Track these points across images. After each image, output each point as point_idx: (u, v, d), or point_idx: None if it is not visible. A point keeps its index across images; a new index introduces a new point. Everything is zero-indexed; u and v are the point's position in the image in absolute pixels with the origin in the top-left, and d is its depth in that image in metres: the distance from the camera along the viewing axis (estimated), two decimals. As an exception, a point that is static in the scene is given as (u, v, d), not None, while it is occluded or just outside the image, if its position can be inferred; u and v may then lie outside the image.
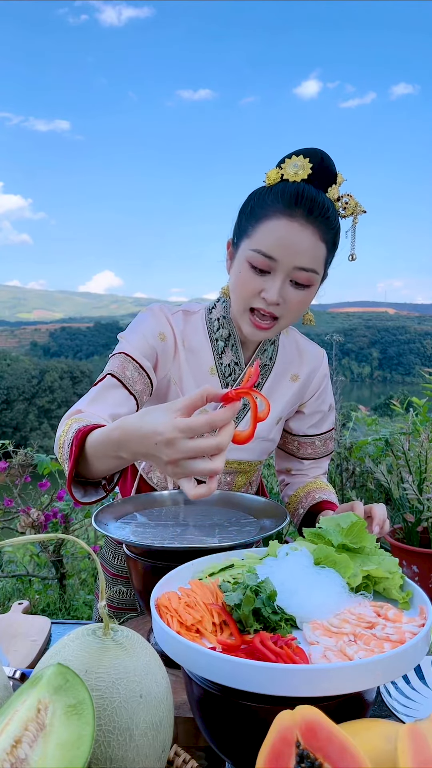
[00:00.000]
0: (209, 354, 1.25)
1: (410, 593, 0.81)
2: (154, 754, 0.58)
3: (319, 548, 0.85)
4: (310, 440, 1.39)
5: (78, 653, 0.58)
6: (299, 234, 1.06)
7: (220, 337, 1.25)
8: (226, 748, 0.68)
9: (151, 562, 0.98)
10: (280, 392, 1.31)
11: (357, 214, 1.14)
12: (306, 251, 1.07)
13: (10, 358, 56.98)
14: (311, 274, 1.10)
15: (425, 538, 1.40)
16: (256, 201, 1.12)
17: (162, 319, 1.24)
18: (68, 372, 55.98)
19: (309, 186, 1.08)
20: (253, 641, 0.67)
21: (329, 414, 1.40)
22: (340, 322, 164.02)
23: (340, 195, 1.13)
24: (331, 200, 1.10)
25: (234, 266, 1.15)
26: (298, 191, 1.07)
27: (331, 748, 0.50)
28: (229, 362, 1.25)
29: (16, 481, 2.60)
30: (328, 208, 1.09)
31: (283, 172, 1.10)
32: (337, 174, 1.12)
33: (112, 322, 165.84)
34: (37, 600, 2.80)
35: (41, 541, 2.37)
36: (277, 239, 1.07)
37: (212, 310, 1.27)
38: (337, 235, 1.13)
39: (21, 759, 0.49)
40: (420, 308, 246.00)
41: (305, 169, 1.08)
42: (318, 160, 1.09)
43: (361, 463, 2.67)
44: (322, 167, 1.10)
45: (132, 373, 1.17)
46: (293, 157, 1.10)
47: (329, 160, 1.11)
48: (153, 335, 1.21)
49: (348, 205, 1.13)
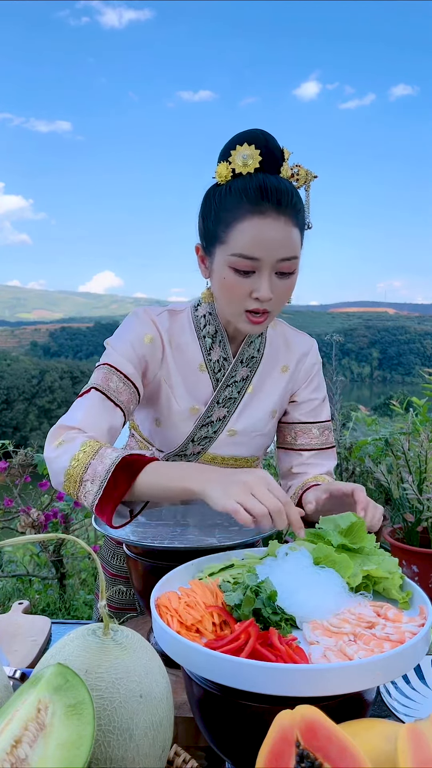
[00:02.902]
0: (197, 351, 1.26)
1: (410, 593, 0.81)
2: (154, 754, 0.58)
3: (319, 548, 0.85)
4: (306, 428, 1.37)
5: (78, 653, 0.58)
6: (274, 228, 1.06)
7: (207, 333, 1.25)
8: (226, 748, 0.68)
9: (151, 562, 0.98)
10: (271, 384, 1.31)
11: (309, 181, 1.14)
12: (284, 242, 1.07)
13: (10, 358, 57.01)
14: (293, 261, 1.10)
15: (425, 538, 1.40)
16: (219, 204, 1.10)
17: (147, 321, 1.23)
18: (68, 372, 55.99)
19: (267, 176, 1.07)
20: (243, 632, 0.67)
21: (324, 403, 1.39)
22: (340, 322, 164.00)
23: (291, 168, 1.11)
24: (289, 182, 1.10)
25: (215, 273, 1.14)
26: (261, 186, 1.05)
27: (331, 748, 0.50)
28: (218, 358, 1.25)
29: (16, 481, 2.60)
30: (292, 193, 1.08)
31: (233, 165, 1.08)
32: (283, 150, 1.10)
33: (112, 322, 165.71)
34: (37, 600, 2.80)
35: (41, 541, 2.37)
36: (254, 239, 1.06)
37: (198, 308, 1.27)
38: (303, 213, 1.13)
39: (21, 759, 0.49)
40: (420, 308, 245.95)
41: (254, 157, 1.06)
42: (263, 142, 1.07)
43: (361, 463, 2.67)
44: (269, 150, 1.08)
45: (116, 384, 1.17)
46: (237, 147, 1.08)
47: (273, 139, 1.09)
48: (139, 341, 1.21)
49: (299, 176, 1.12)
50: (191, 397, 1.26)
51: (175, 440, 1.28)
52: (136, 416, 1.36)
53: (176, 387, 1.25)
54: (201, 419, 1.26)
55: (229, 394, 1.27)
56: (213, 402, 1.26)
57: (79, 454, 1.05)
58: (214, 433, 1.29)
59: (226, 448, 1.31)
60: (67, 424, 1.13)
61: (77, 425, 1.12)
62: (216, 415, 1.27)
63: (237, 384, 1.28)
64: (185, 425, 1.27)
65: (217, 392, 1.26)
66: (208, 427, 1.28)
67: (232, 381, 1.27)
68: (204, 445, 1.30)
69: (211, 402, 1.26)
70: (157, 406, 1.27)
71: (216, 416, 1.27)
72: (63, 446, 1.08)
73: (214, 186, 1.14)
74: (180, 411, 1.25)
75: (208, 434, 1.28)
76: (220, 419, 1.28)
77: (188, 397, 1.25)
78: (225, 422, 1.28)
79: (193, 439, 1.28)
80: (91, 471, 1.02)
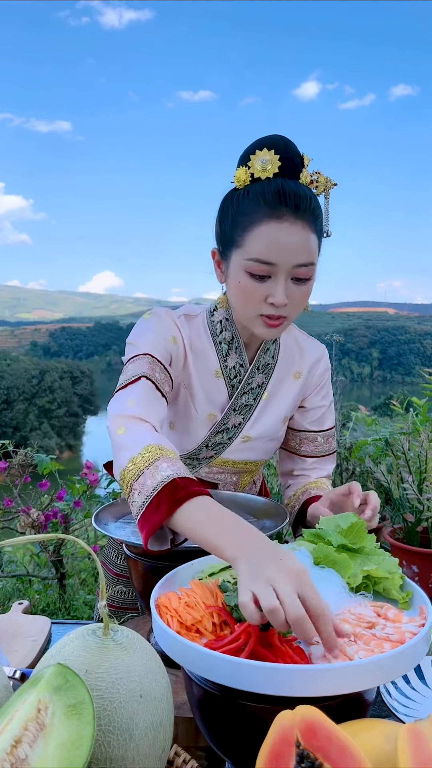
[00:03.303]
0: (214, 357, 1.24)
1: (410, 593, 0.81)
2: (154, 754, 0.58)
3: (319, 548, 0.85)
4: (312, 436, 1.38)
5: (78, 653, 0.58)
6: (291, 233, 1.05)
7: (224, 339, 1.23)
8: (226, 748, 0.68)
9: (151, 562, 0.98)
10: (285, 390, 1.31)
11: (329, 189, 1.12)
12: (301, 247, 1.06)
13: (10, 358, 56.96)
14: (310, 267, 1.09)
15: (425, 538, 1.40)
16: (236, 208, 1.09)
17: (170, 323, 1.21)
18: (68, 372, 55.96)
19: (286, 181, 1.05)
20: (243, 632, 0.67)
21: (330, 409, 1.39)
22: (340, 322, 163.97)
23: (310, 175, 1.10)
24: (309, 188, 1.08)
25: (231, 277, 1.13)
26: (279, 190, 1.04)
27: (331, 748, 0.50)
28: (234, 364, 1.24)
29: (16, 481, 2.60)
30: (311, 198, 1.07)
31: (252, 170, 1.07)
32: (303, 156, 1.09)
33: (112, 322, 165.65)
34: (37, 600, 2.79)
35: (41, 541, 2.37)
36: (271, 244, 1.05)
37: (213, 313, 1.25)
38: (321, 219, 1.12)
39: (21, 759, 0.49)
40: (420, 308, 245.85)
41: (274, 163, 1.05)
42: (282, 148, 1.06)
43: (361, 463, 2.67)
44: (289, 155, 1.07)
45: (160, 375, 1.13)
46: (257, 152, 1.06)
47: (293, 145, 1.08)
48: (166, 339, 1.18)
49: (319, 183, 1.11)
50: (209, 404, 1.25)
51: (189, 445, 1.28)
52: None
53: (196, 393, 1.24)
54: (217, 426, 1.25)
55: (245, 401, 1.26)
56: (230, 409, 1.25)
57: (137, 458, 0.96)
58: (229, 439, 1.28)
59: (239, 453, 1.31)
60: (124, 413, 1.05)
61: (137, 414, 1.05)
62: (231, 422, 1.26)
63: (253, 391, 1.27)
64: (201, 431, 1.26)
65: (233, 400, 1.25)
66: (223, 433, 1.27)
67: (249, 388, 1.26)
68: (218, 450, 1.29)
69: (228, 409, 1.25)
70: (175, 410, 1.26)
71: (231, 423, 1.27)
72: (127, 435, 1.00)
73: (233, 190, 1.12)
74: (198, 417, 1.25)
75: (223, 440, 1.28)
76: (236, 426, 1.27)
77: (206, 404, 1.24)
78: (240, 429, 1.28)
79: (207, 444, 1.27)
80: (142, 481, 0.93)
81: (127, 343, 1.20)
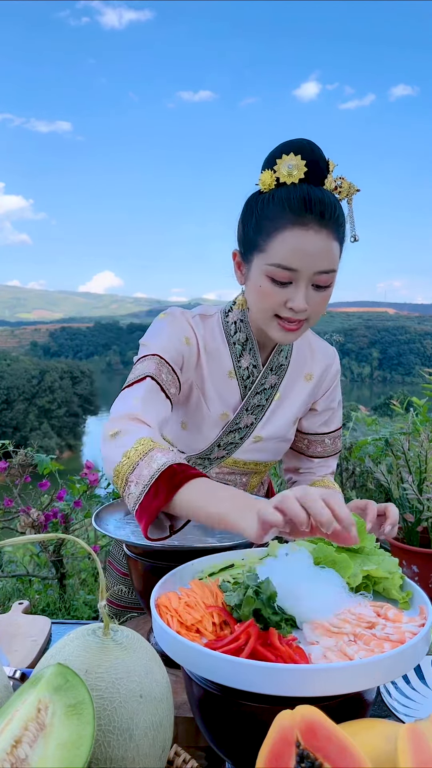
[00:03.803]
0: (228, 357, 1.24)
1: (410, 593, 0.81)
2: (154, 754, 0.58)
3: (319, 548, 0.85)
4: (320, 438, 1.38)
5: (78, 653, 0.58)
6: (315, 240, 1.04)
7: (238, 340, 1.23)
8: (226, 748, 0.68)
9: (151, 562, 0.98)
10: (296, 392, 1.31)
11: (352, 195, 1.11)
12: (324, 255, 1.06)
13: (10, 358, 56.97)
14: (331, 274, 1.09)
15: (425, 538, 1.40)
16: (261, 212, 1.08)
17: (184, 323, 1.21)
18: (68, 372, 55.98)
19: (312, 188, 1.05)
20: (243, 632, 0.67)
21: (338, 410, 1.40)
22: (340, 322, 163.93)
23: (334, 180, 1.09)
24: (333, 195, 1.08)
25: (251, 280, 1.12)
26: (305, 197, 1.03)
27: (331, 748, 0.50)
28: (248, 365, 1.24)
29: (16, 481, 2.60)
30: (336, 206, 1.07)
31: (278, 174, 1.06)
32: (329, 161, 1.08)
33: (112, 322, 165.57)
34: (37, 600, 2.79)
35: (41, 541, 2.37)
36: (294, 250, 1.04)
37: (228, 314, 1.25)
38: (344, 227, 1.11)
39: (21, 759, 0.49)
40: (420, 308, 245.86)
41: (300, 168, 1.05)
42: (309, 153, 1.06)
43: (361, 463, 2.67)
44: (315, 161, 1.06)
45: (167, 376, 1.14)
46: (283, 156, 1.06)
47: (319, 150, 1.07)
48: (179, 339, 1.18)
49: (342, 188, 1.10)
50: (222, 404, 1.25)
51: (201, 445, 1.28)
52: None
53: (209, 393, 1.24)
54: (229, 425, 1.26)
55: (257, 401, 1.26)
56: (242, 409, 1.25)
57: (130, 452, 0.97)
58: (241, 439, 1.28)
59: (250, 453, 1.31)
60: (125, 412, 1.06)
61: (136, 413, 1.05)
62: (244, 422, 1.27)
63: (266, 392, 1.27)
64: (213, 431, 1.26)
65: (246, 400, 1.25)
66: (235, 433, 1.27)
67: (261, 389, 1.26)
68: (229, 450, 1.29)
69: (240, 409, 1.25)
70: (186, 410, 1.26)
71: (244, 423, 1.27)
72: (119, 438, 1.01)
73: (257, 193, 1.11)
74: (210, 417, 1.25)
75: (235, 440, 1.28)
76: (248, 426, 1.27)
77: (219, 404, 1.25)
78: (252, 429, 1.28)
79: (219, 444, 1.28)
80: (138, 472, 0.94)
81: (140, 344, 1.21)
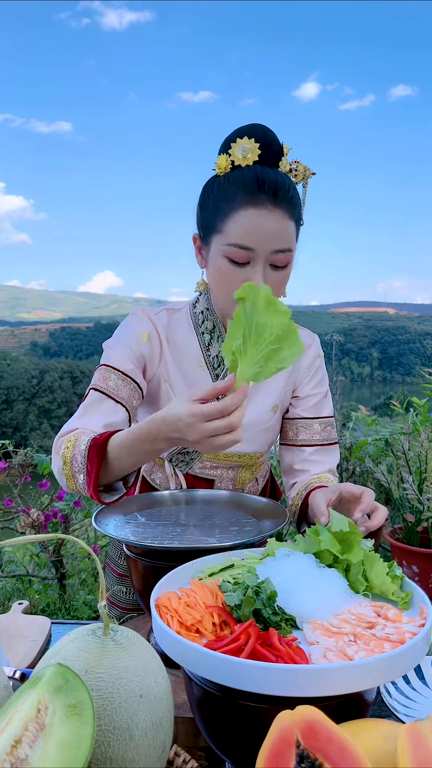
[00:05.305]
0: (196, 347, 1.26)
1: (410, 593, 0.81)
2: (154, 754, 0.58)
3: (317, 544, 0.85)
4: (308, 423, 1.36)
5: (78, 653, 0.58)
6: (269, 219, 1.08)
7: (206, 329, 1.26)
8: (226, 748, 0.68)
9: (151, 562, 0.98)
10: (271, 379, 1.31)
11: (307, 178, 1.16)
12: (279, 233, 1.09)
13: (10, 358, 56.99)
14: (287, 253, 1.12)
15: (425, 538, 1.40)
16: (217, 194, 1.12)
17: (144, 320, 1.26)
18: (68, 372, 55.99)
19: (265, 168, 1.09)
20: (243, 632, 0.67)
21: (326, 398, 1.39)
22: (340, 322, 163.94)
23: (289, 164, 1.14)
24: (287, 176, 1.12)
25: (210, 262, 1.16)
26: (258, 177, 1.07)
27: (331, 748, 0.50)
28: (217, 354, 1.26)
29: (16, 481, 2.60)
30: (290, 186, 1.10)
31: (233, 157, 1.10)
32: (282, 145, 1.13)
33: (112, 322, 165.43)
34: (37, 600, 2.79)
35: (41, 541, 2.37)
36: (249, 229, 1.08)
37: (195, 304, 1.28)
38: (299, 208, 1.15)
39: (21, 759, 0.49)
40: (420, 308, 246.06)
41: (253, 151, 1.09)
42: (262, 136, 1.10)
43: (361, 463, 2.67)
44: (268, 143, 1.10)
45: (115, 383, 1.20)
46: (237, 140, 1.10)
47: (272, 134, 1.12)
48: (136, 340, 1.24)
49: (298, 171, 1.15)
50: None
51: None
52: (139, 415, 1.36)
53: (176, 385, 1.26)
54: None
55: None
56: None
57: (65, 452, 1.11)
58: None
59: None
60: (65, 431, 1.18)
61: (73, 428, 1.17)
62: None
63: None
64: None
65: None
66: None
67: None
68: None
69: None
70: (158, 405, 1.27)
71: None
72: (56, 450, 1.15)
73: (213, 177, 1.15)
74: None
75: None
76: None
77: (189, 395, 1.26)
78: None
79: None
80: (75, 463, 1.08)
81: (103, 346, 1.27)
